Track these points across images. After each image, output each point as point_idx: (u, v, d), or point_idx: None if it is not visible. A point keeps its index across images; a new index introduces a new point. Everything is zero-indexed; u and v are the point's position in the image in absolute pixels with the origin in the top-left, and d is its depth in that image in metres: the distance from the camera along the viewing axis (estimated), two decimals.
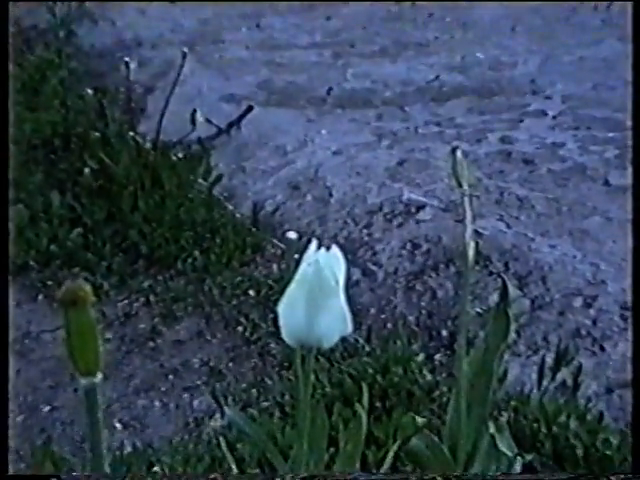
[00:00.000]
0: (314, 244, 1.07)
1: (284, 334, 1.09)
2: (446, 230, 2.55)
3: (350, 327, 1.07)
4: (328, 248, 1.07)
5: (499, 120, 3.33)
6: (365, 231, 2.63)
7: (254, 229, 2.66)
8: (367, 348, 2.11)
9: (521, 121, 3.32)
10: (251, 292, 2.40)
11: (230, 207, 2.77)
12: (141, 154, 2.77)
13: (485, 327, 1.39)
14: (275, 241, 2.61)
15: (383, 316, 2.29)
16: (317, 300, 1.05)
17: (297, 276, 1.05)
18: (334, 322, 1.06)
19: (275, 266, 2.51)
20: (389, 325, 2.26)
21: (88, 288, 0.66)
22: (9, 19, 1.69)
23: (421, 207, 2.71)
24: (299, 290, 1.05)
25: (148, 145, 2.83)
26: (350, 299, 1.08)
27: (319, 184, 2.91)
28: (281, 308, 1.08)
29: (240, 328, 2.28)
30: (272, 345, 2.20)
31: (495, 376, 1.38)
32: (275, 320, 1.10)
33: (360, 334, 2.18)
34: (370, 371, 1.94)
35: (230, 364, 2.17)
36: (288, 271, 1.11)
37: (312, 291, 1.05)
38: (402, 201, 2.75)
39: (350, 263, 2.41)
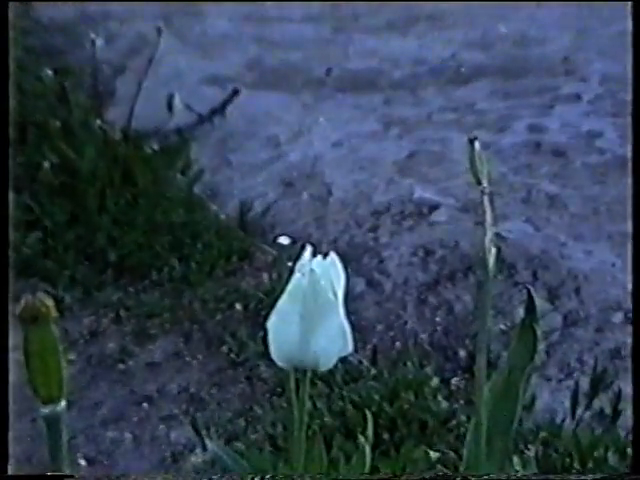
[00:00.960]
0: (309, 250, 1.08)
1: (275, 355, 1.10)
2: (464, 234, 2.56)
3: (351, 346, 1.08)
4: (326, 255, 1.08)
5: (526, 105, 3.34)
6: (370, 235, 2.64)
7: (241, 233, 2.67)
8: (372, 371, 2.12)
9: (552, 106, 3.33)
10: (237, 306, 2.41)
11: (213, 207, 2.78)
12: (109, 146, 2.78)
13: (509, 346, 1.40)
14: (265, 247, 2.62)
15: (391, 334, 2.30)
16: (313, 315, 1.06)
17: (290, 287, 1.06)
18: (332, 340, 1.07)
19: (265, 276, 2.51)
20: (398, 344, 2.27)
21: (51, 302, 0.67)
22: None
23: (435, 207, 2.72)
24: (292, 304, 1.06)
25: (118, 135, 2.84)
26: (352, 314, 1.09)
27: (317, 180, 2.93)
28: (271, 324, 1.09)
29: (225, 348, 2.29)
30: (262, 368, 2.21)
31: (520, 403, 1.39)
32: (265, 339, 1.11)
33: (364, 355, 2.19)
34: (376, 397, 1.95)
35: (213, 390, 2.18)
36: (280, 282, 1.13)
37: (307, 305, 1.06)
38: (413, 200, 2.76)
39: (352, 272, 2.42)
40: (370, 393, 1.97)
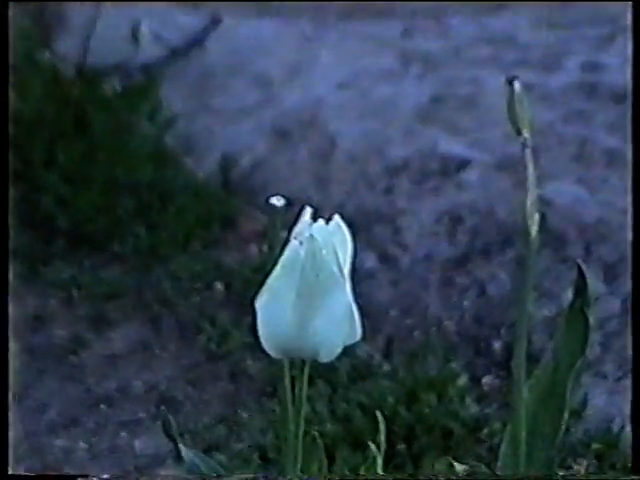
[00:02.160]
0: (308, 213, 1.09)
1: (266, 343, 1.11)
2: (500, 197, 2.56)
3: (359, 333, 1.09)
4: (329, 220, 1.08)
5: (580, 38, 3.34)
6: (384, 198, 2.64)
7: (223, 194, 2.67)
8: (385, 366, 2.13)
9: (611, 39, 3.32)
10: (218, 285, 2.41)
11: (189, 162, 2.78)
12: (60, 85, 2.78)
13: (555, 337, 1.40)
14: (253, 212, 2.62)
15: (409, 320, 2.31)
16: (313, 293, 1.06)
17: (284, 258, 1.07)
18: (336, 324, 1.07)
19: (253, 248, 2.52)
20: (417, 334, 2.28)
21: None
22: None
23: (464, 164, 2.72)
24: (287, 279, 1.07)
25: (70, 72, 2.84)
26: (361, 296, 1.10)
27: (318, 130, 2.93)
28: (261, 305, 1.09)
29: (202, 337, 2.29)
30: (248, 361, 2.22)
31: (568, 407, 1.40)
32: (252, 325, 1.12)
33: (375, 346, 2.20)
34: (390, 399, 1.96)
35: (188, 388, 2.19)
36: (271, 254, 1.13)
37: (305, 281, 1.06)
38: (437, 154, 2.76)
39: (362, 244, 2.42)
40: (382, 394, 1.98)
